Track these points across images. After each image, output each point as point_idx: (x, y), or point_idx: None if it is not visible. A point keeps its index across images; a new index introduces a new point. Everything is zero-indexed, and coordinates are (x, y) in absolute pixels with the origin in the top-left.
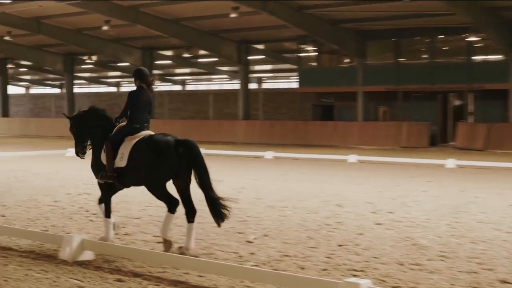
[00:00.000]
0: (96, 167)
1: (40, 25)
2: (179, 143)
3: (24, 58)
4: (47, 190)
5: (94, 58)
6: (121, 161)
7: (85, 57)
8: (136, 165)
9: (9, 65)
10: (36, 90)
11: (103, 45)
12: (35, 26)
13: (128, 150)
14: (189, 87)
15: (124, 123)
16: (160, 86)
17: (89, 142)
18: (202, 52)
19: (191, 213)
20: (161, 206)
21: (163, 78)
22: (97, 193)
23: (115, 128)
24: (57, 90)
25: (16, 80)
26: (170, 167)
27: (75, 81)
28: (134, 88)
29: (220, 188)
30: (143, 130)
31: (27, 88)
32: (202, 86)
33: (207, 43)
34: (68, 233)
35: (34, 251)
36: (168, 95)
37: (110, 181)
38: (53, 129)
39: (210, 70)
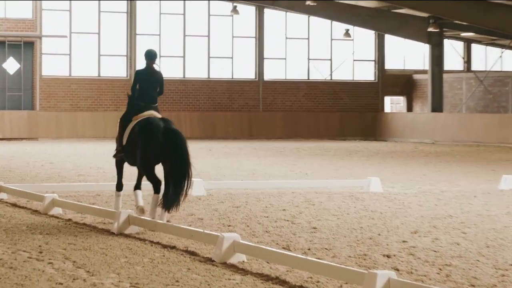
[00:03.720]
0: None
1: None
2: (166, 130)
3: None
4: None
5: None
6: (124, 139)
7: None
8: (131, 145)
9: None
10: None
11: None
12: None
13: (129, 130)
14: None
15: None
16: None
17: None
18: None
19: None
20: None
21: None
22: None
23: (127, 107)
24: None
25: None
26: (154, 151)
27: None
28: (142, 67)
29: None
30: (149, 109)
31: None
32: None
33: None
34: None
35: None
36: None
37: (118, 157)
38: None
39: None
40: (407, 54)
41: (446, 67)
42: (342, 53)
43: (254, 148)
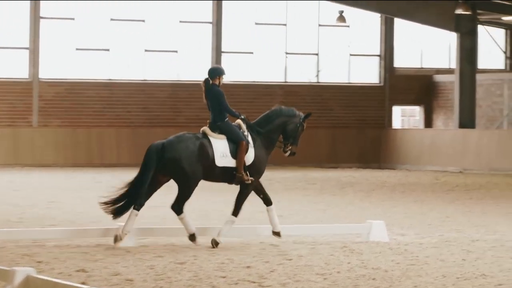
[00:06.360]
0: None
1: None
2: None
3: None
4: None
5: None
6: None
7: None
8: None
9: None
10: None
11: None
12: None
13: None
14: None
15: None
16: None
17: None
18: None
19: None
20: None
21: None
22: None
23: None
24: None
25: None
26: None
27: None
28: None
29: None
30: (207, 126)
31: None
32: None
33: None
34: None
35: None
36: None
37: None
38: None
39: None
40: (426, 46)
41: (481, 64)
42: (333, 45)
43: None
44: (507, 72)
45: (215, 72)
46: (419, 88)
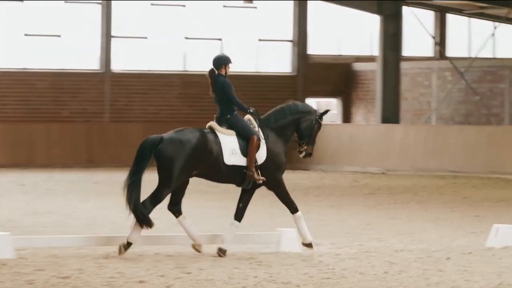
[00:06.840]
0: None
1: None
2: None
3: None
4: None
5: None
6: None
7: None
8: None
9: None
10: None
11: None
12: None
13: None
14: None
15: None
16: None
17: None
18: None
19: None
20: None
21: None
22: None
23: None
24: None
25: None
26: None
27: None
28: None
29: None
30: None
31: None
32: None
33: None
34: None
35: None
36: None
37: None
38: None
39: None
40: (345, 31)
41: (407, 52)
42: (240, 30)
43: (96, 182)
44: (436, 60)
45: (220, 61)
46: (337, 78)
